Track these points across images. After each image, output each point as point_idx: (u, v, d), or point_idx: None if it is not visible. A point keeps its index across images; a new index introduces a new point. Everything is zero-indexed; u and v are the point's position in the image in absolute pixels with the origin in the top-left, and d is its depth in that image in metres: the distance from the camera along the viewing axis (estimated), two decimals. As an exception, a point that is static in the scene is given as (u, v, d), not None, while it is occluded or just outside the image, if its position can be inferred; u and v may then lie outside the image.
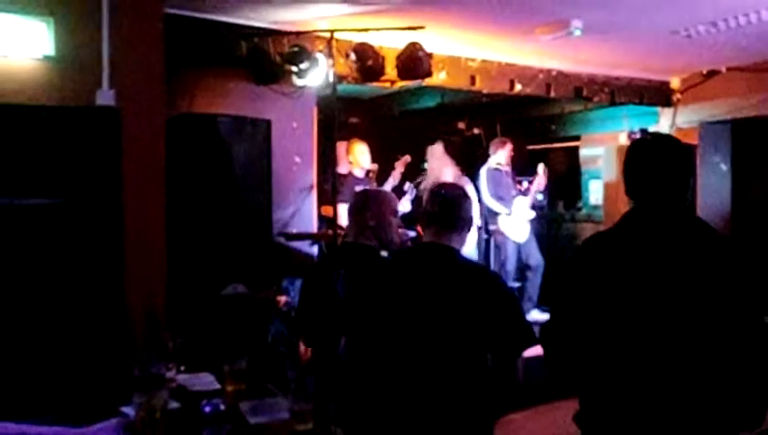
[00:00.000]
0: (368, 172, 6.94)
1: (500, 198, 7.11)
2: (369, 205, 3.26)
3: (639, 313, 1.98)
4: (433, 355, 2.34)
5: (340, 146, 6.57)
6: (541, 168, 7.43)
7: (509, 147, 7.40)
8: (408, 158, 7.12)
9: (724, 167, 8.12)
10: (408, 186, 6.88)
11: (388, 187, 6.82)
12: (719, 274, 2.01)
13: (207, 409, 2.47)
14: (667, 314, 1.96)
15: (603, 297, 2.00)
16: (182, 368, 3.02)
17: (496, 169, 7.27)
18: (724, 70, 7.25)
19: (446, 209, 2.59)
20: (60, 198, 3.88)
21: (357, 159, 6.73)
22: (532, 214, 7.22)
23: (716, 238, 2.08)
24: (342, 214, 5.14)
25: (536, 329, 2.30)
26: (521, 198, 7.22)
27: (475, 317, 2.36)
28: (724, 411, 1.96)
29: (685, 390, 1.94)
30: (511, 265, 7.24)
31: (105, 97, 4.06)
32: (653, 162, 2.11)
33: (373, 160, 6.88)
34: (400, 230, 5.74)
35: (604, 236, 2.16)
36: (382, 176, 7.04)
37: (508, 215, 7.10)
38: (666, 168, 2.09)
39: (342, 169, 6.63)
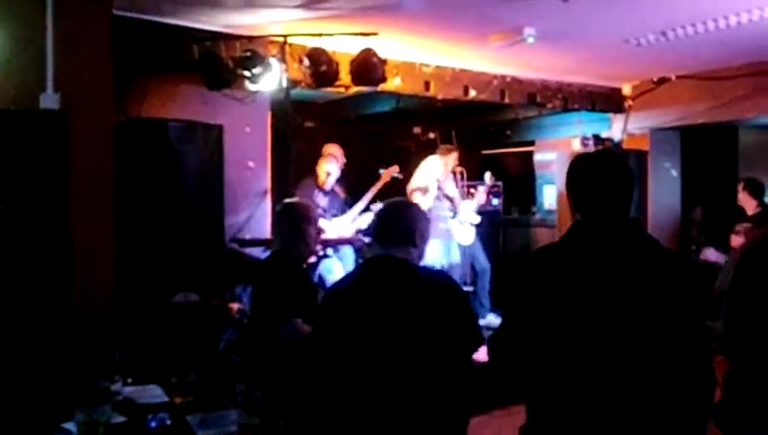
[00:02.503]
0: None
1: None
2: (286, 216, 3.49)
3: (588, 326, 1.98)
4: (410, 370, 2.26)
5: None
6: (487, 175, 7.60)
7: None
8: (395, 168, 6.78)
9: (674, 172, 8.30)
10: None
11: (362, 204, 6.52)
12: (666, 286, 2.02)
13: (153, 423, 2.41)
14: (615, 327, 1.97)
15: (552, 310, 2.00)
16: (129, 380, 2.96)
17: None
18: (674, 77, 7.38)
19: (389, 222, 2.54)
20: (3, 205, 3.77)
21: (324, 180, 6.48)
22: (478, 218, 7.36)
23: (662, 251, 2.10)
24: None
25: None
26: (466, 202, 7.34)
27: (440, 328, 2.33)
28: (669, 425, 1.97)
29: (632, 403, 1.95)
30: (461, 269, 7.29)
31: (49, 100, 3.96)
32: (598, 176, 2.12)
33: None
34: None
35: (552, 250, 2.16)
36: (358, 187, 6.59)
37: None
38: (610, 181, 2.10)
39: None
